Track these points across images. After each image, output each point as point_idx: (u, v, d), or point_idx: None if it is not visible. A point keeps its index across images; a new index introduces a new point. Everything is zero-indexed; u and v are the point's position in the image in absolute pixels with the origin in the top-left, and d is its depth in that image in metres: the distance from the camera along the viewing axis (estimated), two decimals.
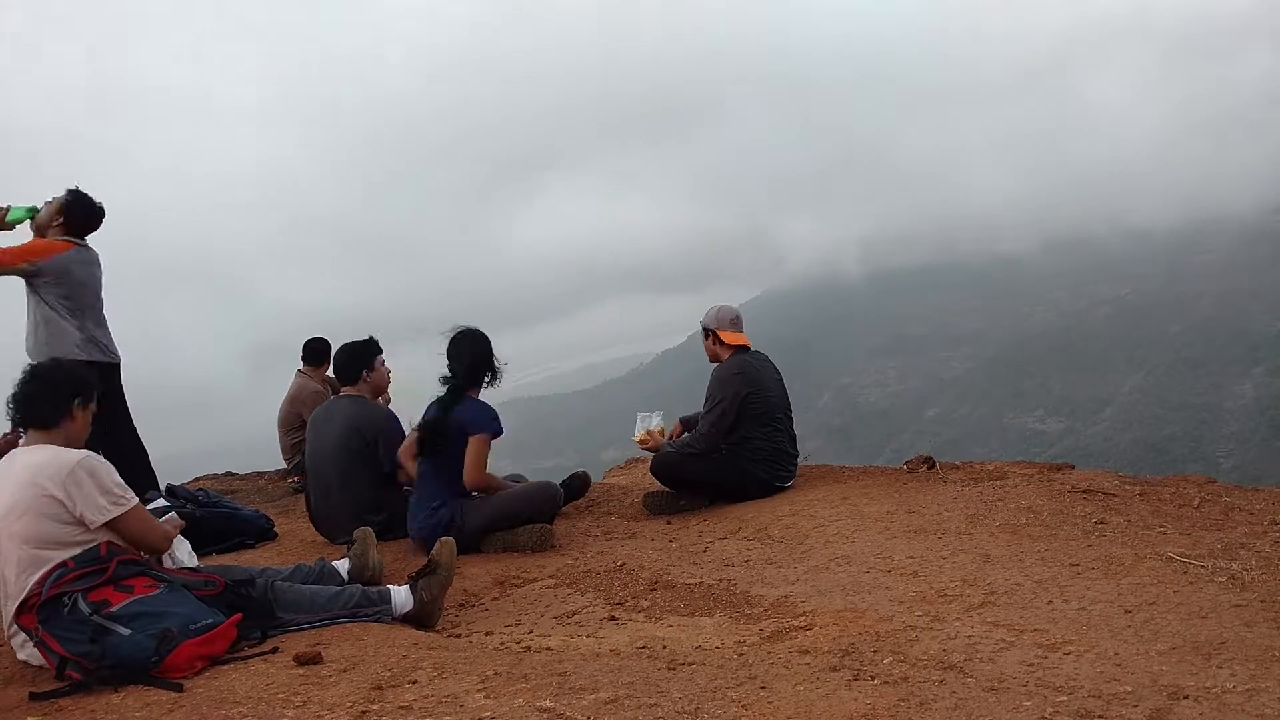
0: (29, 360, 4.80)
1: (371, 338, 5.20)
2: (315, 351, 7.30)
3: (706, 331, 5.44)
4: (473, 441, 4.45)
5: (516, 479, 5.03)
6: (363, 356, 5.08)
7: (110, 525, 2.93)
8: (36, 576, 2.80)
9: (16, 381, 3.12)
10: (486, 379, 4.64)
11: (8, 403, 3.11)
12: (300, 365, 7.39)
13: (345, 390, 5.12)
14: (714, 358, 5.43)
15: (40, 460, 2.90)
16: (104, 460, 3.01)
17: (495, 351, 4.66)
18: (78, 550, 2.86)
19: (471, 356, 4.59)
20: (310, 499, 5.10)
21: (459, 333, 4.66)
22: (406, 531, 4.69)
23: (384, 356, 5.16)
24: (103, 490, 2.92)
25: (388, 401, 5.48)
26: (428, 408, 4.65)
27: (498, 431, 4.52)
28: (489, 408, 4.58)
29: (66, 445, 3.03)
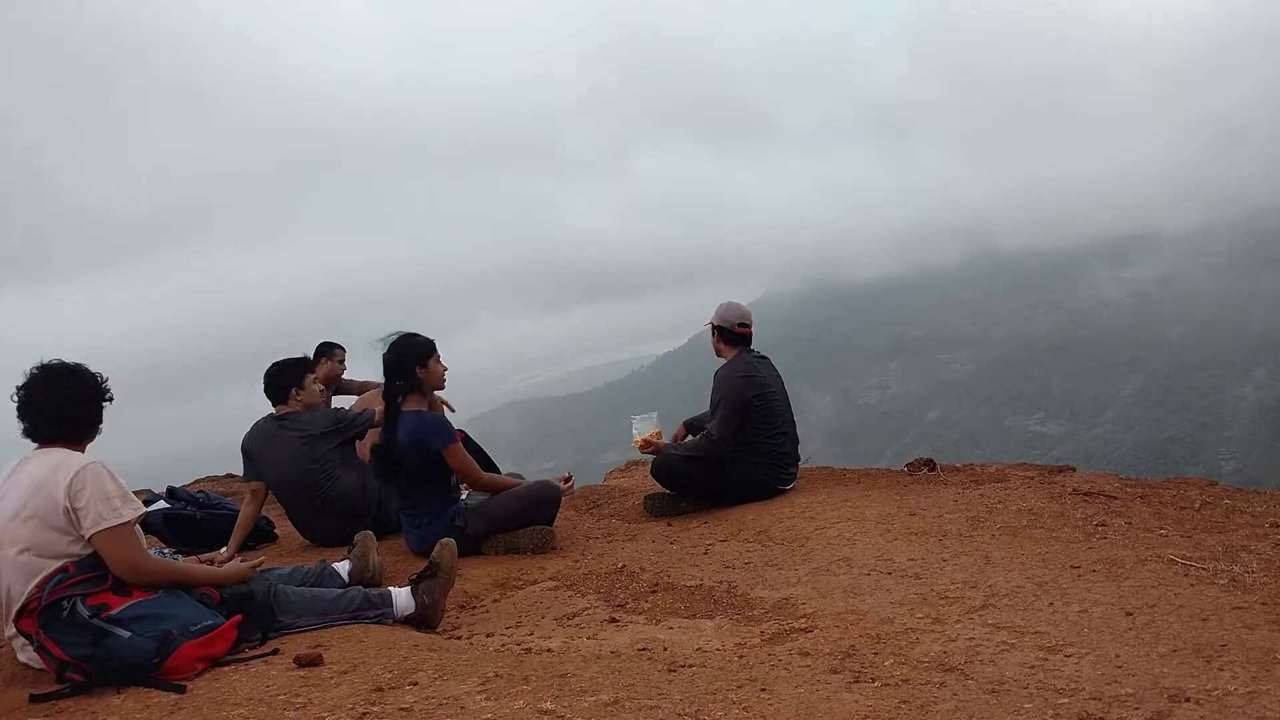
0: None
1: (305, 356, 5.17)
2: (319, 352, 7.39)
3: (714, 328, 5.38)
4: (449, 457, 4.36)
5: (515, 478, 5.01)
6: (293, 374, 5.01)
7: (92, 539, 2.81)
8: (34, 582, 2.79)
9: (24, 389, 2.94)
10: (408, 384, 4.46)
11: (21, 414, 2.94)
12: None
13: (277, 409, 4.99)
14: (719, 354, 5.40)
15: (51, 464, 2.86)
16: (109, 469, 2.90)
17: (422, 357, 4.47)
18: (73, 559, 2.82)
19: (390, 364, 4.49)
20: (291, 519, 5.11)
21: (390, 341, 4.53)
22: (396, 524, 4.68)
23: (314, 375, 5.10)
24: (96, 501, 2.80)
25: None
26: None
27: (455, 438, 4.44)
28: (434, 418, 4.47)
29: (83, 448, 2.97)
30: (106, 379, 3.06)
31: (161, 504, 5.25)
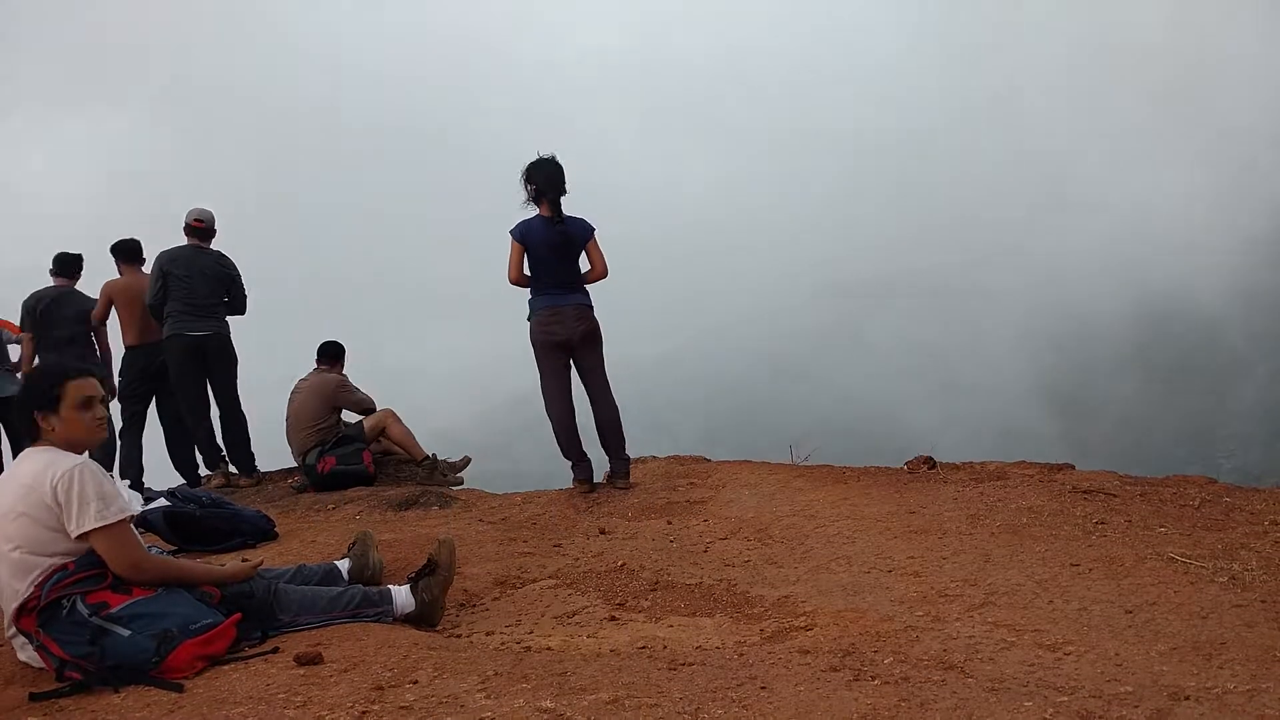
0: None
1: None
2: (333, 354, 7.36)
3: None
4: None
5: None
6: None
7: (86, 538, 2.82)
8: (30, 580, 2.79)
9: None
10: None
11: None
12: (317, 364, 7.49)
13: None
14: None
15: (40, 464, 2.87)
16: (97, 469, 2.92)
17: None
18: (65, 558, 2.82)
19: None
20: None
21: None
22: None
23: None
24: (85, 500, 2.81)
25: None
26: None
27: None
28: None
29: (67, 449, 2.96)
30: (62, 378, 3.04)
31: (162, 501, 5.25)
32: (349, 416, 7.09)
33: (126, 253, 7.32)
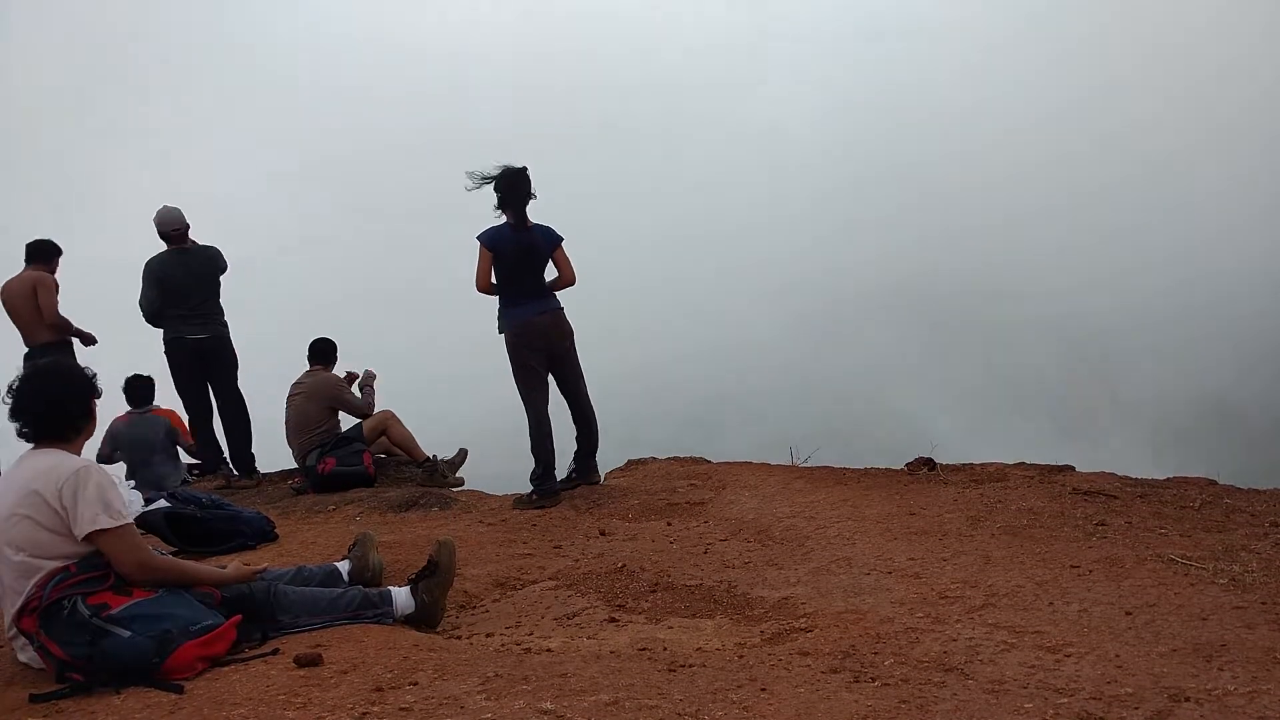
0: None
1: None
2: (324, 352, 7.35)
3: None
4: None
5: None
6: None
7: (91, 539, 2.82)
8: (33, 581, 2.79)
9: (16, 389, 2.95)
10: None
11: (12, 415, 2.96)
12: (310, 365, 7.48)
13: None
14: None
15: (43, 466, 2.87)
16: (103, 470, 2.93)
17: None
18: (67, 560, 2.82)
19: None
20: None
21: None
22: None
23: None
24: (92, 502, 2.81)
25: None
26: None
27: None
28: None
29: (78, 448, 2.99)
30: (95, 375, 3.11)
31: (162, 503, 5.25)
32: (348, 420, 7.09)
33: (42, 253, 7.03)
